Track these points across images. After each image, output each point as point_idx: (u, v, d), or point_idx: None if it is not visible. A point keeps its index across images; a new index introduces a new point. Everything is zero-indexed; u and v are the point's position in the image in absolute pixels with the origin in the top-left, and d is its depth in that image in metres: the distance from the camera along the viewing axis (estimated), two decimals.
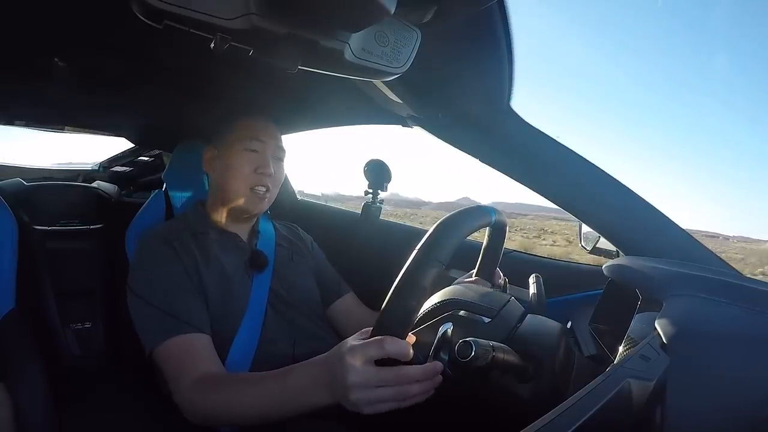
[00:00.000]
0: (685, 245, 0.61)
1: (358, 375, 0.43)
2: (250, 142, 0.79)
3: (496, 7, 0.47)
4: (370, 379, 0.43)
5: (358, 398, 0.44)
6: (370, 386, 0.43)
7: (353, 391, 0.43)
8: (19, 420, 0.68)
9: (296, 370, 0.52)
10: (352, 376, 0.43)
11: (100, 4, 0.57)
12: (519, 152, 0.70)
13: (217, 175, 0.82)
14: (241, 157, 0.79)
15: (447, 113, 0.72)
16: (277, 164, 0.82)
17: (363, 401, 0.44)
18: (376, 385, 0.43)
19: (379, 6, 0.30)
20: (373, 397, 0.43)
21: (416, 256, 0.42)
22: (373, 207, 1.11)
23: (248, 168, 0.79)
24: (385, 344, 0.42)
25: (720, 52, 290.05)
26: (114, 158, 1.71)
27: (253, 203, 0.80)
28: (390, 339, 0.42)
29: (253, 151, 0.79)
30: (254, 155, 0.79)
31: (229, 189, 0.80)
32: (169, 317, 0.66)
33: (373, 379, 0.43)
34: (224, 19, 0.31)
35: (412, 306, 0.42)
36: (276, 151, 0.82)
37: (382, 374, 0.43)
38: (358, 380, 0.43)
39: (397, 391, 0.43)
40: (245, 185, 0.79)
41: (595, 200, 0.67)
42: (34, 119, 1.24)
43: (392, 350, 0.42)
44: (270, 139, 0.81)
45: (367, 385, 0.43)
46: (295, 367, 0.52)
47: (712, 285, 0.48)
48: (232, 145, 0.80)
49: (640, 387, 0.34)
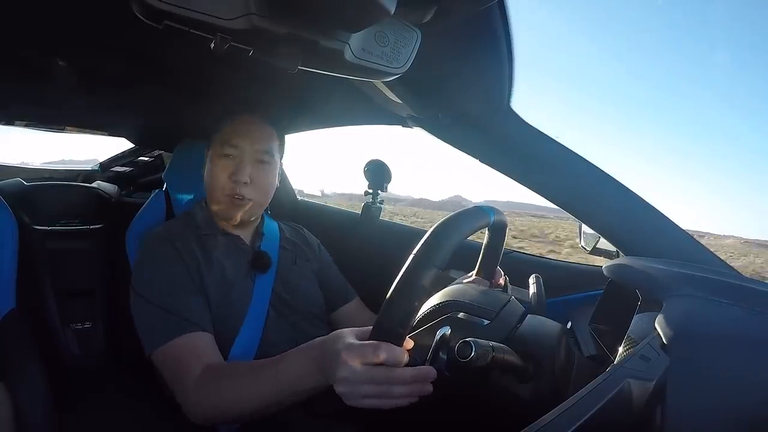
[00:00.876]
0: (685, 245, 0.61)
1: (349, 372, 0.44)
2: (226, 147, 0.76)
3: (496, 7, 0.47)
4: (360, 376, 0.43)
5: (343, 391, 0.45)
6: (358, 382, 0.44)
7: (341, 384, 0.44)
8: (19, 420, 0.68)
9: (290, 355, 0.53)
10: (342, 371, 0.44)
11: (100, 4, 0.57)
12: (519, 152, 0.70)
13: (205, 179, 0.81)
14: (217, 163, 0.77)
15: (447, 113, 0.72)
16: (259, 168, 0.78)
17: (348, 394, 0.44)
18: (364, 382, 0.44)
19: (379, 6, 0.30)
20: (359, 392, 0.44)
21: (414, 258, 0.42)
22: (373, 207, 1.11)
23: (223, 175, 0.76)
24: (381, 351, 0.42)
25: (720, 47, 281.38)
26: (114, 158, 1.71)
27: (232, 211, 0.77)
28: (386, 346, 0.43)
29: (227, 156, 0.76)
30: (230, 162, 0.76)
31: (211, 196, 0.79)
32: (171, 317, 0.66)
33: (363, 377, 0.43)
34: (224, 19, 0.31)
35: (411, 309, 0.42)
36: (257, 155, 0.77)
37: (372, 372, 0.43)
38: (348, 376, 0.44)
39: (385, 389, 0.44)
40: (222, 193, 0.76)
41: (595, 200, 0.67)
42: (35, 119, 1.24)
43: (387, 357, 0.42)
44: (248, 144, 0.76)
45: (356, 381, 0.44)
46: (289, 353, 0.53)
47: (712, 285, 0.48)
48: (214, 148, 0.78)
49: (640, 387, 0.34)
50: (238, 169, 0.76)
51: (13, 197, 1.05)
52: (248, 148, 0.77)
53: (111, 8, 0.57)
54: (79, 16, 0.62)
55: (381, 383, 0.43)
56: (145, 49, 0.74)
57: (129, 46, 0.73)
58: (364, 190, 1.11)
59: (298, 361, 0.51)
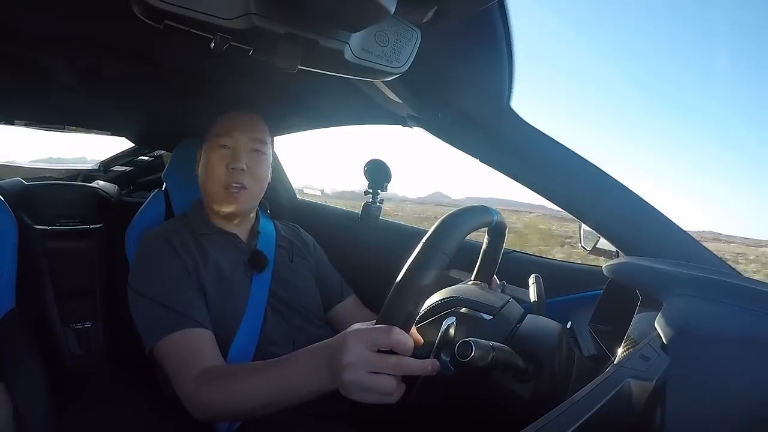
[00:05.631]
0: (685, 245, 0.61)
1: (355, 355, 0.42)
2: (221, 138, 0.78)
3: (496, 7, 0.47)
4: (366, 361, 0.42)
5: (350, 379, 0.42)
6: (365, 369, 0.42)
7: (347, 371, 0.42)
8: (19, 420, 0.68)
9: (298, 355, 0.51)
10: (348, 356, 0.42)
11: (100, 4, 0.57)
12: (519, 152, 0.70)
13: (200, 177, 0.82)
14: (213, 154, 0.78)
15: (447, 113, 0.72)
16: (254, 157, 0.79)
17: (354, 384, 0.42)
18: (371, 370, 0.42)
19: (379, 6, 0.30)
20: (367, 382, 0.42)
21: (424, 245, 0.43)
22: (373, 207, 1.11)
23: (220, 165, 0.77)
24: (393, 333, 0.41)
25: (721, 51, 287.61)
26: (114, 158, 1.71)
27: (228, 202, 0.78)
28: (398, 330, 0.42)
29: (223, 147, 0.77)
30: (225, 151, 0.77)
31: (206, 190, 0.79)
32: (170, 312, 0.66)
33: (370, 363, 0.42)
34: (224, 19, 0.31)
35: (421, 293, 0.42)
36: (251, 143, 0.79)
37: (380, 360, 0.42)
38: (354, 360, 0.42)
39: (389, 383, 0.42)
40: (219, 184, 0.77)
41: (595, 200, 0.67)
42: (35, 119, 1.25)
43: (397, 341, 0.41)
44: (241, 133, 0.78)
45: (363, 366, 0.42)
46: (298, 352, 0.52)
47: (712, 285, 0.48)
48: (208, 143, 0.80)
49: (640, 387, 0.34)
50: (234, 157, 0.77)
51: (13, 197, 1.05)
52: (243, 137, 0.78)
53: (111, 8, 0.57)
54: (79, 16, 0.62)
55: (389, 372, 0.42)
56: (145, 49, 0.74)
57: (129, 46, 0.73)
58: (364, 190, 1.11)
59: (305, 360, 0.50)
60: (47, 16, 0.62)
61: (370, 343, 0.42)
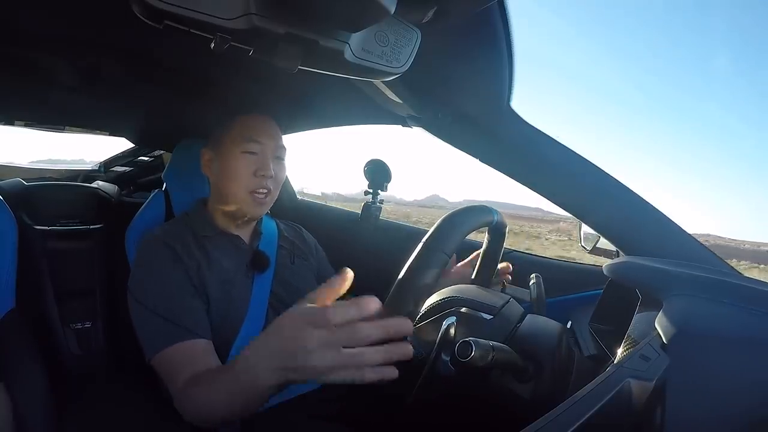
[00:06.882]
0: (685, 245, 0.61)
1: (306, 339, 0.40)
2: (247, 143, 0.76)
3: (496, 7, 0.47)
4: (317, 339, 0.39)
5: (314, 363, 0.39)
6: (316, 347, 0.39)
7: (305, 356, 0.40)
8: (19, 420, 0.68)
9: (245, 354, 0.46)
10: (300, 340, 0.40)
11: (100, 4, 0.57)
12: (519, 152, 0.70)
13: (215, 179, 0.80)
14: (239, 160, 0.76)
15: (447, 113, 0.72)
16: (277, 164, 0.79)
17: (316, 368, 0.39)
18: (324, 345, 0.39)
19: (379, 6, 0.30)
20: (326, 360, 0.39)
21: (422, 248, 0.43)
22: (373, 207, 1.11)
23: (247, 171, 0.76)
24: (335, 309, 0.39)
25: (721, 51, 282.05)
26: (114, 158, 1.71)
27: (252, 208, 0.78)
28: (341, 303, 0.40)
29: (251, 153, 0.76)
30: (253, 157, 0.76)
31: (227, 193, 0.78)
32: (169, 324, 0.66)
33: (321, 340, 0.39)
34: (224, 19, 0.31)
35: (419, 296, 0.42)
36: (276, 151, 0.79)
37: (330, 334, 0.39)
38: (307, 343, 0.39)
39: (351, 356, 0.39)
40: (244, 189, 0.76)
41: (595, 200, 0.67)
42: (35, 119, 1.24)
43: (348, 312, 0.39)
44: (269, 140, 0.78)
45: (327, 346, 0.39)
46: (243, 351, 0.47)
47: (712, 285, 0.48)
48: (228, 147, 0.77)
49: (640, 387, 0.34)
50: (263, 164, 0.76)
51: (13, 197, 1.05)
52: (270, 144, 0.78)
53: (111, 8, 0.57)
54: (79, 16, 0.62)
55: (341, 342, 0.39)
56: (145, 49, 0.74)
57: (129, 46, 0.73)
58: (364, 190, 1.11)
59: (253, 356, 0.45)
60: (47, 16, 0.62)
61: (309, 320, 0.40)
